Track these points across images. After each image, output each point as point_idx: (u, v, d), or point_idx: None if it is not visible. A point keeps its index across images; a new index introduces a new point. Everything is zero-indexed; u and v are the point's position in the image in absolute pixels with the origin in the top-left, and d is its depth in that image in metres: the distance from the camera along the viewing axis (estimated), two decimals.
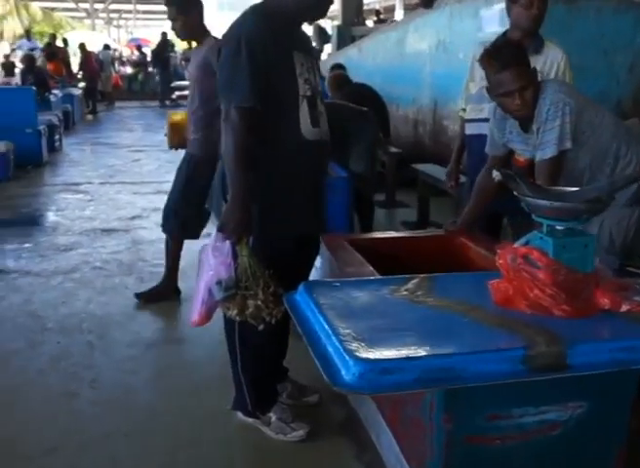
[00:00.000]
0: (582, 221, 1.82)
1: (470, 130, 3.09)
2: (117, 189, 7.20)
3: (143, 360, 3.17)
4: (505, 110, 2.42)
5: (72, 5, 25.69)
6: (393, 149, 6.51)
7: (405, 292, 2.00)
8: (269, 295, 2.18)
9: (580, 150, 2.40)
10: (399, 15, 19.45)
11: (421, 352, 1.58)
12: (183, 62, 19.28)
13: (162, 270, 4.42)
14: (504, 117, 2.58)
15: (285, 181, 2.26)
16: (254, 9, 2.23)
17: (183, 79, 17.50)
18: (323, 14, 2.31)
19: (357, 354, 1.55)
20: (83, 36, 18.84)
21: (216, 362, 3.03)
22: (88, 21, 27.42)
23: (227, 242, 2.17)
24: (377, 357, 1.55)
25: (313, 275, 2.66)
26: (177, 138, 4.24)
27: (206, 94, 3.57)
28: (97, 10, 26.13)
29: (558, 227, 1.85)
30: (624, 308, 1.81)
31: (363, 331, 1.70)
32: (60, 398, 2.79)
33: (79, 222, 5.73)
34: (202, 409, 2.70)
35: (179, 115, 4.63)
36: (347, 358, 1.55)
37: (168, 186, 7.36)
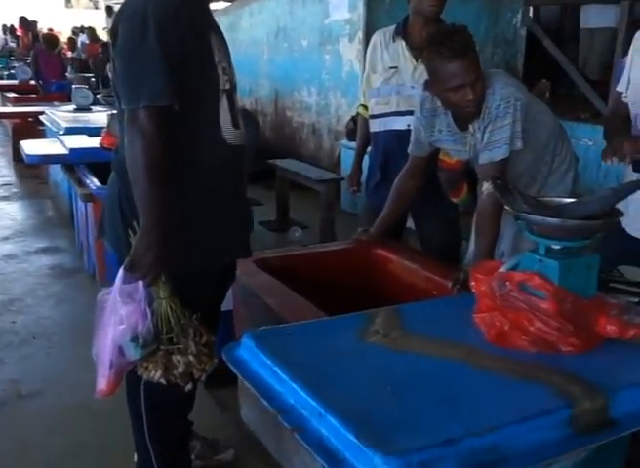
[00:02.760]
0: (597, 240, 1.54)
1: (376, 126, 2.75)
2: None
3: None
4: (451, 106, 2.09)
5: None
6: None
7: (377, 337, 1.61)
8: (202, 347, 1.69)
9: (523, 150, 2.15)
10: None
11: (457, 430, 1.20)
12: None
13: None
14: (434, 114, 2.26)
15: (206, 198, 1.77)
16: None
17: None
18: None
19: (377, 443, 1.14)
20: None
21: (93, 414, 2.45)
22: None
23: (140, 283, 1.63)
24: (406, 446, 1.15)
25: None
26: None
27: None
28: None
29: (555, 246, 1.57)
30: (630, 334, 1.58)
31: (362, 403, 1.30)
32: None
33: None
34: None
35: None
36: (366, 450, 1.14)
37: None
